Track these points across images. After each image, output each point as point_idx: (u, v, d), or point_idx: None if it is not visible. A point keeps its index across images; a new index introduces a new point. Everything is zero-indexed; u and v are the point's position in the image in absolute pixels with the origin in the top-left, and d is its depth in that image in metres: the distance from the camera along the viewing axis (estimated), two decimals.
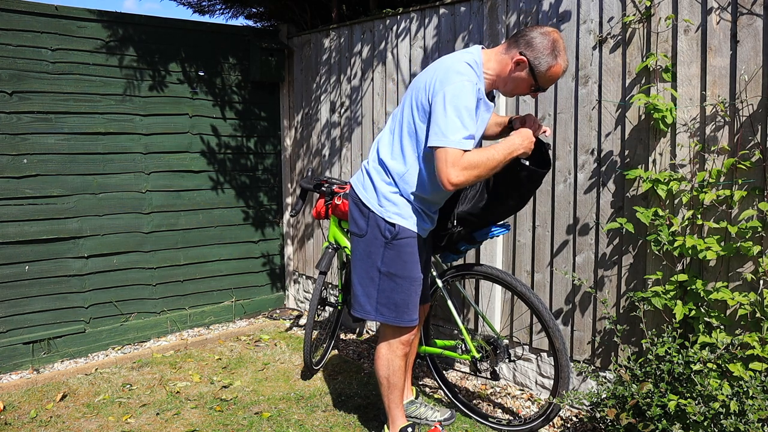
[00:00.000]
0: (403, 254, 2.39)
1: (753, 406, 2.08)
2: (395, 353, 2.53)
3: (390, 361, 2.54)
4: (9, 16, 3.59)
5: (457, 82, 2.17)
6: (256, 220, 4.75)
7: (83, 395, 3.36)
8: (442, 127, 2.14)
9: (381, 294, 2.43)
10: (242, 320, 4.69)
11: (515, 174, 2.36)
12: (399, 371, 2.55)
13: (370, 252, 2.42)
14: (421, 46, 3.67)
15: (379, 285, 2.43)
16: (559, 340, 2.64)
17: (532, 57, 2.21)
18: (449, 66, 2.23)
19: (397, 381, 2.56)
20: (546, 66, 2.21)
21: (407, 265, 2.40)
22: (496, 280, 2.81)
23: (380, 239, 2.38)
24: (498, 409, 3.13)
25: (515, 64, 2.24)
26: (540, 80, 2.24)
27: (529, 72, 2.23)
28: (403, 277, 2.41)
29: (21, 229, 3.70)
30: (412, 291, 2.44)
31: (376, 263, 2.41)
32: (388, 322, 2.48)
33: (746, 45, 2.39)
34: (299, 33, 4.66)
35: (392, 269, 2.40)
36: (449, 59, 2.28)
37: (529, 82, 2.26)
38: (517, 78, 2.26)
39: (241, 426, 2.97)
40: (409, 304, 2.45)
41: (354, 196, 2.49)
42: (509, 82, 2.29)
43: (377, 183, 2.40)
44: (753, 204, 2.40)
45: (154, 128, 4.17)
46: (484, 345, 2.87)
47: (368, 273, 2.45)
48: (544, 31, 2.23)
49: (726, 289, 2.42)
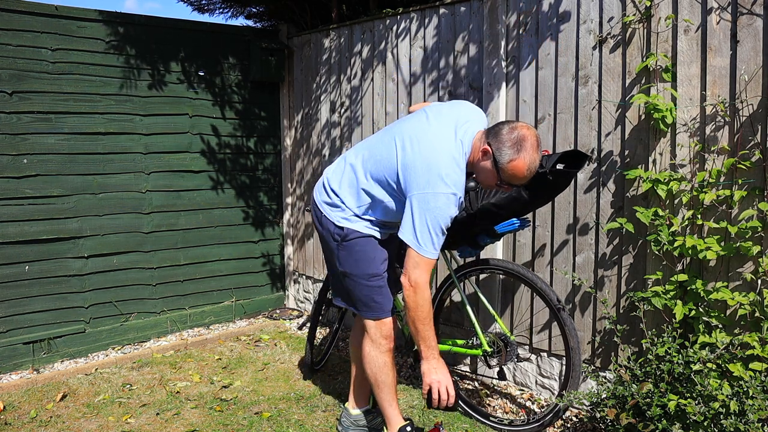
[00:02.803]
0: (353, 253, 2.44)
1: (753, 406, 2.08)
2: (379, 350, 2.52)
3: (375, 358, 2.53)
4: (9, 16, 3.59)
5: (440, 196, 2.16)
6: (256, 220, 4.75)
7: (83, 395, 3.36)
8: (418, 234, 2.18)
9: (344, 290, 2.54)
10: (242, 320, 4.69)
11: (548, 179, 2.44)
12: (385, 368, 2.53)
13: (331, 250, 2.51)
14: (421, 46, 3.67)
15: (342, 282, 2.53)
16: (574, 339, 2.65)
17: (495, 147, 2.19)
18: (436, 163, 2.18)
19: (384, 378, 2.54)
20: (507, 159, 2.17)
21: (359, 264, 2.45)
22: (517, 275, 2.81)
23: (333, 241, 2.48)
24: (498, 409, 3.13)
25: (482, 153, 2.24)
26: (501, 174, 2.21)
27: (492, 163, 2.21)
28: (358, 275, 2.46)
29: (21, 229, 3.70)
30: (373, 286, 2.47)
31: (335, 262, 2.51)
32: (361, 314, 2.54)
33: (746, 45, 2.39)
34: (299, 33, 4.66)
35: (346, 268, 2.47)
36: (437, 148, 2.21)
37: (493, 173, 2.23)
38: (483, 168, 2.25)
39: (241, 426, 2.97)
40: (375, 298, 2.48)
41: (314, 198, 2.60)
42: (479, 171, 2.29)
43: (333, 197, 2.47)
44: (753, 204, 2.40)
45: (154, 128, 4.17)
46: (496, 340, 2.86)
47: (332, 269, 2.57)
48: (514, 126, 2.21)
49: (726, 289, 2.42)
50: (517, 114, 3.19)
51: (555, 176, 2.46)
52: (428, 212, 2.17)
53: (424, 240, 2.19)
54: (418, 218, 2.18)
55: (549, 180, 2.46)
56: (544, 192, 2.58)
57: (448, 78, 3.54)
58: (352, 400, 2.84)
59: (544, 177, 2.45)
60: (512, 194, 2.57)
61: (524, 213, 2.71)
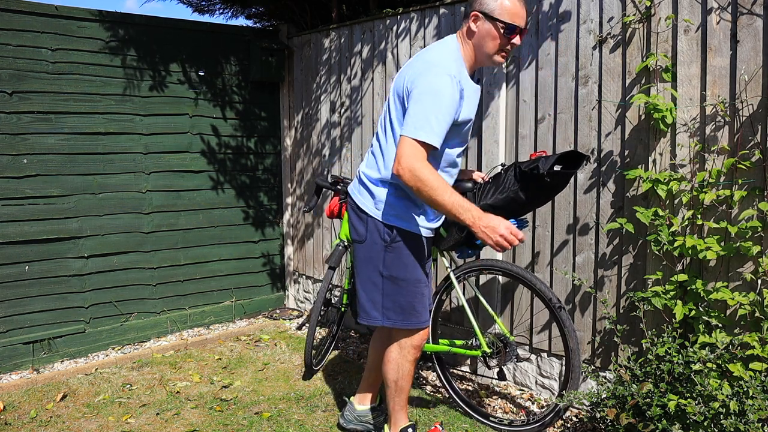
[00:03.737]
0: (403, 256, 2.36)
1: (753, 406, 2.08)
2: (406, 358, 2.48)
3: (400, 365, 2.49)
4: (9, 16, 3.59)
5: (438, 75, 2.15)
6: (256, 220, 4.75)
7: (83, 395, 3.36)
8: (412, 118, 2.13)
9: (386, 298, 2.40)
10: (242, 320, 4.69)
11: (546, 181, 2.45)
12: (408, 376, 2.51)
13: (371, 257, 2.39)
14: (421, 46, 3.67)
15: (383, 289, 2.40)
16: (573, 341, 2.64)
17: (479, 8, 2.22)
18: (429, 59, 2.23)
19: (404, 385, 2.53)
20: (494, 2, 2.19)
21: (408, 268, 2.38)
22: (516, 276, 2.81)
23: (380, 243, 2.36)
24: (498, 409, 3.13)
25: (473, 23, 2.24)
26: (501, 21, 2.19)
27: (488, 20, 2.21)
28: (405, 280, 2.38)
29: (21, 229, 3.71)
30: (417, 293, 2.41)
31: (378, 267, 2.38)
32: (397, 326, 2.44)
33: (746, 45, 2.39)
34: (299, 33, 4.66)
35: (394, 272, 2.37)
36: (429, 53, 2.27)
37: (494, 28, 2.21)
38: (483, 34, 2.23)
39: (241, 426, 2.97)
40: (416, 305, 2.41)
41: (351, 203, 2.47)
42: (483, 45, 2.25)
43: (372, 187, 2.37)
44: (753, 204, 2.40)
45: (154, 128, 4.17)
46: (496, 341, 2.86)
47: (371, 278, 2.42)
48: None
49: (726, 289, 2.42)
50: (518, 114, 3.19)
51: (553, 178, 2.47)
52: (424, 94, 2.12)
53: (418, 121, 2.11)
54: (414, 103, 2.13)
55: (547, 182, 2.47)
56: (542, 193, 2.59)
57: None
58: (359, 396, 2.85)
59: (542, 179, 2.45)
60: (510, 195, 2.56)
61: (522, 213, 2.71)
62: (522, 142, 3.19)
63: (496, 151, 3.28)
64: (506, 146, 3.27)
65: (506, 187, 2.59)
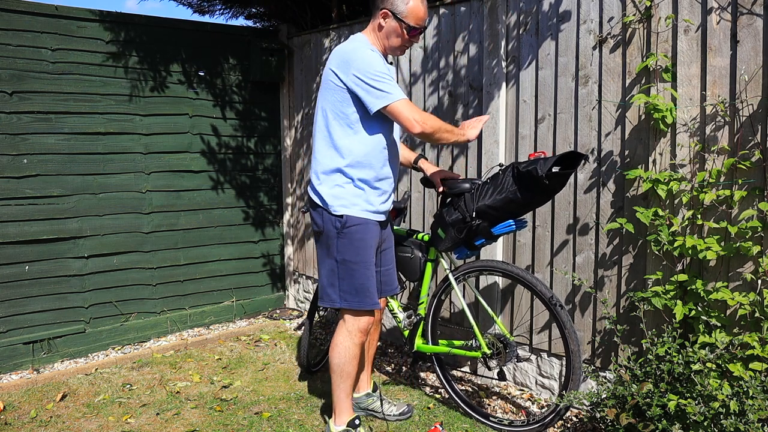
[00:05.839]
0: (354, 241, 2.55)
1: (753, 406, 2.08)
2: (353, 341, 2.62)
3: (347, 349, 2.62)
4: (9, 16, 3.59)
5: (365, 53, 2.46)
6: (256, 220, 4.75)
7: (83, 395, 3.36)
8: (381, 89, 2.42)
9: (342, 281, 2.58)
10: (242, 320, 4.69)
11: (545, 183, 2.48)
12: (354, 360, 2.63)
13: (329, 245, 2.59)
14: (421, 46, 3.67)
15: (339, 273, 2.58)
16: (574, 342, 2.64)
17: (389, 7, 2.50)
18: (349, 49, 2.49)
19: (351, 370, 2.64)
20: (403, 5, 2.48)
21: (359, 251, 2.56)
22: (515, 277, 2.80)
23: (333, 231, 2.56)
24: (498, 409, 3.13)
25: (382, 19, 2.52)
26: (407, 19, 2.49)
27: (394, 18, 2.50)
28: (356, 263, 2.55)
29: (21, 229, 3.71)
30: (369, 275, 2.58)
31: (334, 253, 2.58)
32: (353, 307, 2.59)
33: (746, 45, 2.39)
34: (299, 33, 4.66)
35: (346, 256, 2.56)
36: (343, 48, 2.53)
37: (400, 27, 2.51)
38: (390, 30, 2.53)
39: (241, 426, 2.97)
40: (369, 287, 2.58)
41: (308, 199, 2.69)
42: (389, 38, 2.55)
43: (319, 183, 2.60)
44: (753, 204, 2.40)
45: (154, 128, 4.17)
46: (495, 342, 2.86)
47: (329, 264, 2.61)
48: None
49: (726, 289, 2.42)
50: (518, 114, 3.19)
51: (551, 179, 2.48)
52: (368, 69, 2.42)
53: (385, 88, 2.42)
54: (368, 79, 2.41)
55: (545, 183, 2.47)
56: (541, 194, 2.60)
57: (448, 78, 3.54)
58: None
59: (540, 181, 2.46)
60: (508, 196, 2.59)
61: (521, 214, 2.71)
62: (522, 143, 3.19)
63: (495, 152, 3.28)
64: (506, 146, 3.27)
65: (504, 187, 2.60)
